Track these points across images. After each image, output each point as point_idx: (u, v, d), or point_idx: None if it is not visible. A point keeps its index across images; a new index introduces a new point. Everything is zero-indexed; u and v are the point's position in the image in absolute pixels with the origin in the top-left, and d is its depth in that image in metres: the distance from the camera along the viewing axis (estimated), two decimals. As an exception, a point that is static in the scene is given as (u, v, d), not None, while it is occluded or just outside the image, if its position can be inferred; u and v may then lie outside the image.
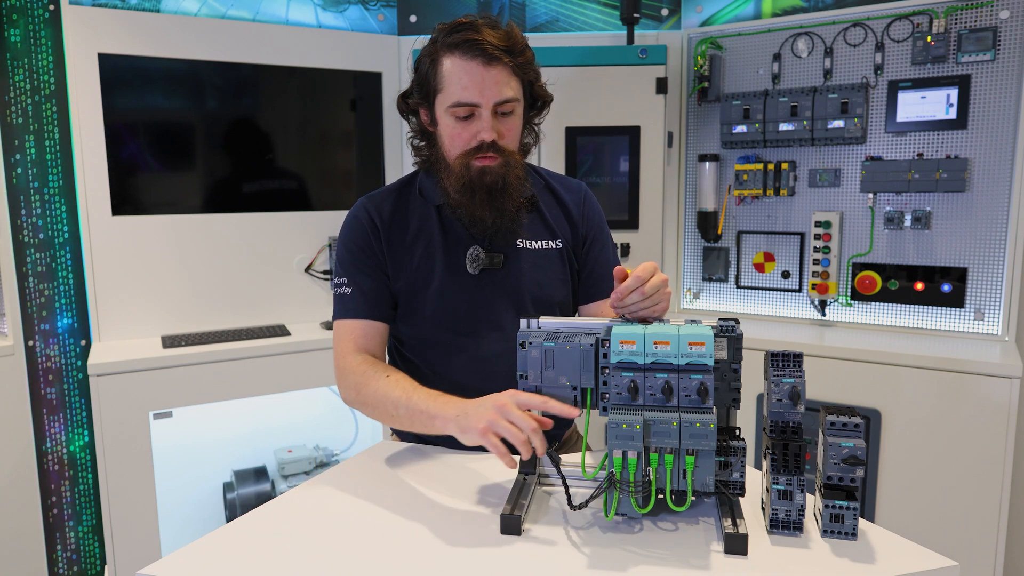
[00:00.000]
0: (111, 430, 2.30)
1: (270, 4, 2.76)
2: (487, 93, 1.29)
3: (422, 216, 1.43)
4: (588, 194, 1.53)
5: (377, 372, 1.33)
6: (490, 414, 1.11)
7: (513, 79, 1.31)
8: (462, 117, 1.31)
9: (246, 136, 2.71)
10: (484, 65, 1.28)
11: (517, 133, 1.37)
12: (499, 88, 1.29)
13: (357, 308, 1.40)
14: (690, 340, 1.03)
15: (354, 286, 1.41)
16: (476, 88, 1.28)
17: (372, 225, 1.41)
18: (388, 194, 1.46)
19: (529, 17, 2.99)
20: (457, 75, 1.29)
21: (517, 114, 1.35)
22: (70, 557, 2.66)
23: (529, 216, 1.44)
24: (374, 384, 1.31)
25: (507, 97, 1.30)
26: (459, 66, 1.29)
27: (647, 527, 1.07)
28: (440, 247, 1.41)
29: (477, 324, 1.41)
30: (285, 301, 2.80)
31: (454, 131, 1.33)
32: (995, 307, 2.38)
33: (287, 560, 1.00)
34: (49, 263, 2.52)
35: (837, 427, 1.02)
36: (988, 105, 2.32)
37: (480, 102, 1.29)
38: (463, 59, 1.28)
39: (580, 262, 1.50)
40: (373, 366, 1.35)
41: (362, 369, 1.34)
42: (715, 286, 2.90)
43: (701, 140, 2.83)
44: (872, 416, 2.27)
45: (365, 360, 1.36)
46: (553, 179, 1.52)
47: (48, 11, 2.42)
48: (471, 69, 1.28)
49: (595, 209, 1.53)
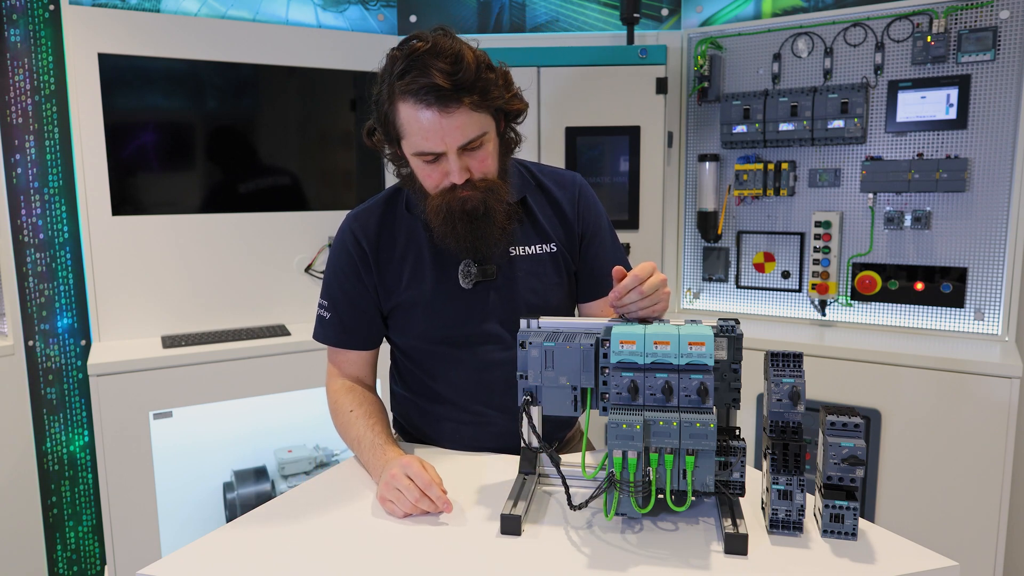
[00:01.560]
0: (111, 430, 2.30)
1: (270, 4, 2.76)
2: (449, 139, 1.22)
3: (409, 231, 1.39)
4: (583, 188, 1.46)
5: (344, 407, 1.41)
6: (381, 487, 1.19)
7: (475, 115, 1.23)
8: (430, 161, 1.26)
9: (246, 136, 2.71)
10: (441, 113, 1.19)
11: (492, 160, 1.30)
12: (461, 132, 1.22)
13: (335, 336, 1.44)
14: (690, 340, 1.03)
15: (333, 312, 1.42)
16: (437, 137, 1.21)
17: (359, 249, 1.38)
18: (374, 209, 1.42)
19: (529, 17, 2.99)
20: (415, 124, 1.22)
21: (488, 143, 1.28)
22: (70, 557, 2.66)
23: (520, 222, 1.41)
24: (340, 418, 1.41)
25: (471, 138, 1.23)
26: (415, 115, 1.21)
27: (647, 527, 1.07)
28: (430, 262, 1.38)
29: (474, 336, 1.39)
30: (285, 301, 2.80)
31: (424, 172, 1.29)
32: (995, 307, 2.38)
33: (287, 560, 1.00)
34: (49, 263, 2.52)
35: (837, 427, 1.03)
36: (988, 105, 2.32)
37: (443, 149, 1.23)
38: (418, 108, 1.20)
39: (578, 261, 1.46)
40: (344, 397, 1.42)
41: (334, 399, 1.44)
42: (715, 286, 2.90)
43: (701, 140, 2.83)
44: (872, 416, 2.27)
45: (342, 387, 1.44)
46: (545, 175, 1.46)
47: (48, 11, 2.42)
48: (428, 118, 1.20)
49: (591, 204, 1.46)
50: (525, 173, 1.44)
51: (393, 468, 1.18)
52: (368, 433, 1.33)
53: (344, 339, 1.43)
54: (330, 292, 1.43)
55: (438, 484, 1.16)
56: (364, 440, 1.33)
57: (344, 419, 1.39)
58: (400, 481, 1.15)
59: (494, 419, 1.41)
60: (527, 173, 1.44)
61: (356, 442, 1.35)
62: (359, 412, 1.38)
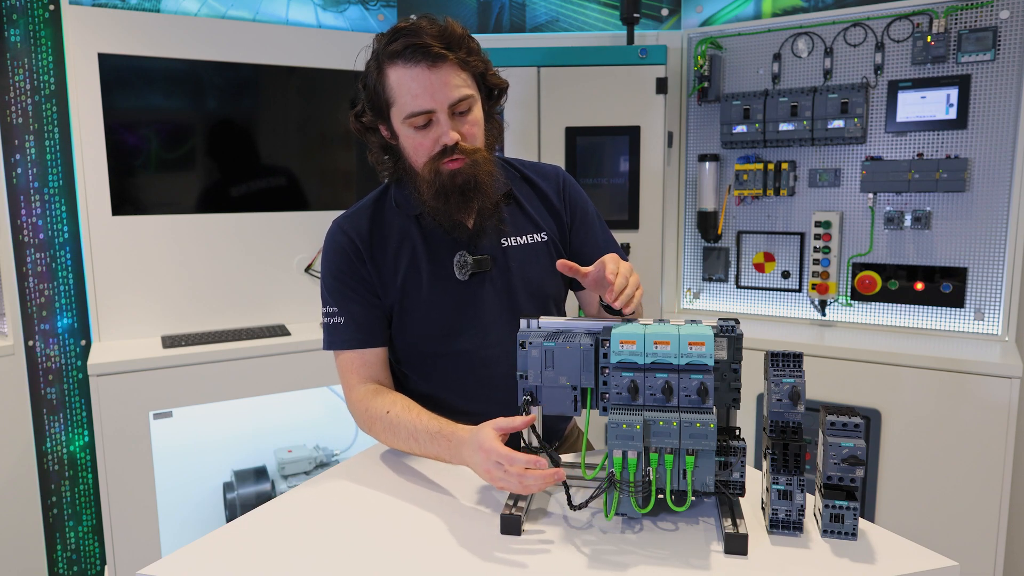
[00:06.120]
0: (111, 430, 2.30)
1: (270, 4, 2.76)
2: (439, 96, 1.26)
3: (401, 228, 1.40)
4: (566, 177, 1.50)
5: (378, 411, 1.34)
6: (491, 471, 1.10)
7: (462, 74, 1.28)
8: (420, 126, 1.29)
9: (246, 136, 2.71)
10: (429, 68, 1.25)
11: (479, 130, 1.34)
12: (450, 88, 1.26)
13: (353, 338, 1.39)
14: (690, 340, 1.03)
15: (346, 315, 1.39)
16: (427, 94, 1.25)
17: (354, 247, 1.38)
18: (363, 211, 1.42)
19: (529, 17, 3.00)
20: (405, 84, 1.26)
21: (476, 110, 1.32)
22: (70, 557, 2.66)
23: (510, 212, 1.43)
24: (379, 425, 1.34)
25: (461, 96, 1.27)
26: (405, 75, 1.26)
27: (647, 527, 1.07)
28: (424, 257, 1.38)
29: (472, 329, 1.39)
30: (285, 301, 2.80)
31: (415, 141, 1.31)
32: (995, 307, 2.38)
33: (287, 560, 1.00)
34: (49, 263, 2.52)
35: (837, 427, 1.03)
36: (988, 105, 2.32)
37: (434, 107, 1.26)
38: (407, 67, 1.25)
39: (569, 248, 1.47)
40: (374, 402, 1.35)
41: (363, 407, 1.36)
42: (715, 286, 2.90)
43: (701, 140, 2.83)
44: (872, 416, 2.27)
45: (368, 392, 1.37)
46: (528, 168, 1.49)
47: (48, 11, 2.42)
48: (417, 75, 1.25)
49: (575, 191, 1.49)
50: (509, 168, 1.47)
51: (475, 455, 1.13)
52: (418, 425, 1.28)
53: (361, 339, 1.39)
54: (335, 297, 1.40)
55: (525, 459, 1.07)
56: (419, 434, 1.27)
57: (383, 424, 1.33)
58: (495, 471, 1.09)
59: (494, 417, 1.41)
60: (511, 168, 1.47)
61: (412, 439, 1.29)
62: (396, 410, 1.32)
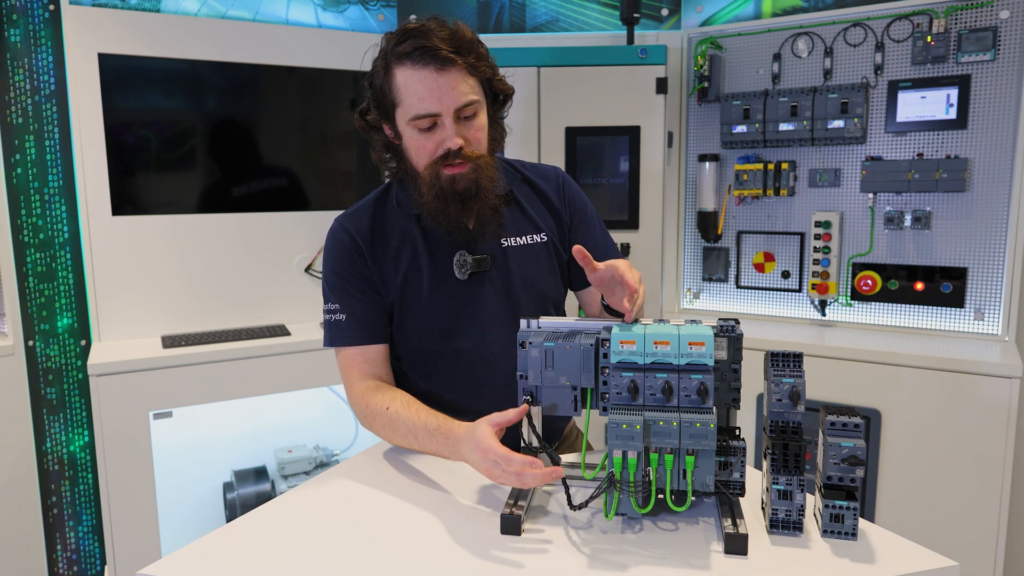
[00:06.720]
0: (111, 430, 2.30)
1: (270, 4, 2.76)
2: (445, 100, 1.26)
3: (403, 227, 1.40)
4: (565, 178, 1.51)
5: (377, 407, 1.34)
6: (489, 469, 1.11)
7: (469, 79, 1.28)
8: (425, 129, 1.29)
9: (246, 136, 2.71)
10: (437, 71, 1.24)
11: (483, 135, 1.34)
12: (457, 93, 1.26)
13: (353, 335, 1.39)
14: (690, 340, 1.03)
15: (347, 312, 1.39)
16: (433, 97, 1.25)
17: (355, 245, 1.38)
18: (365, 210, 1.42)
19: (529, 17, 3.00)
20: (412, 86, 1.26)
21: (481, 116, 1.32)
22: (70, 557, 2.66)
23: (510, 213, 1.43)
24: (380, 421, 1.34)
25: (467, 101, 1.27)
26: (413, 76, 1.26)
27: (647, 527, 1.07)
28: (425, 256, 1.39)
29: (471, 329, 1.39)
30: (285, 301, 2.80)
31: (419, 143, 1.31)
32: (995, 307, 2.38)
33: (287, 560, 1.00)
34: (49, 263, 2.51)
35: (837, 427, 1.02)
36: (988, 105, 2.32)
37: (440, 110, 1.26)
38: (415, 68, 1.25)
39: (568, 249, 1.47)
40: (374, 398, 1.35)
41: (364, 404, 1.36)
42: (715, 286, 2.90)
43: (701, 140, 2.83)
44: (872, 416, 2.27)
45: (369, 388, 1.37)
46: (528, 170, 1.49)
47: (48, 11, 2.42)
48: (425, 78, 1.25)
49: (574, 192, 1.50)
50: (510, 169, 1.47)
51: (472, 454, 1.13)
52: (416, 421, 1.28)
53: (363, 335, 1.39)
54: (336, 294, 1.40)
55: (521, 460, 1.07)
56: (418, 430, 1.27)
57: (383, 420, 1.33)
58: (493, 470, 1.10)
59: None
60: (511, 169, 1.48)
61: (410, 435, 1.29)
62: (395, 406, 1.32)
